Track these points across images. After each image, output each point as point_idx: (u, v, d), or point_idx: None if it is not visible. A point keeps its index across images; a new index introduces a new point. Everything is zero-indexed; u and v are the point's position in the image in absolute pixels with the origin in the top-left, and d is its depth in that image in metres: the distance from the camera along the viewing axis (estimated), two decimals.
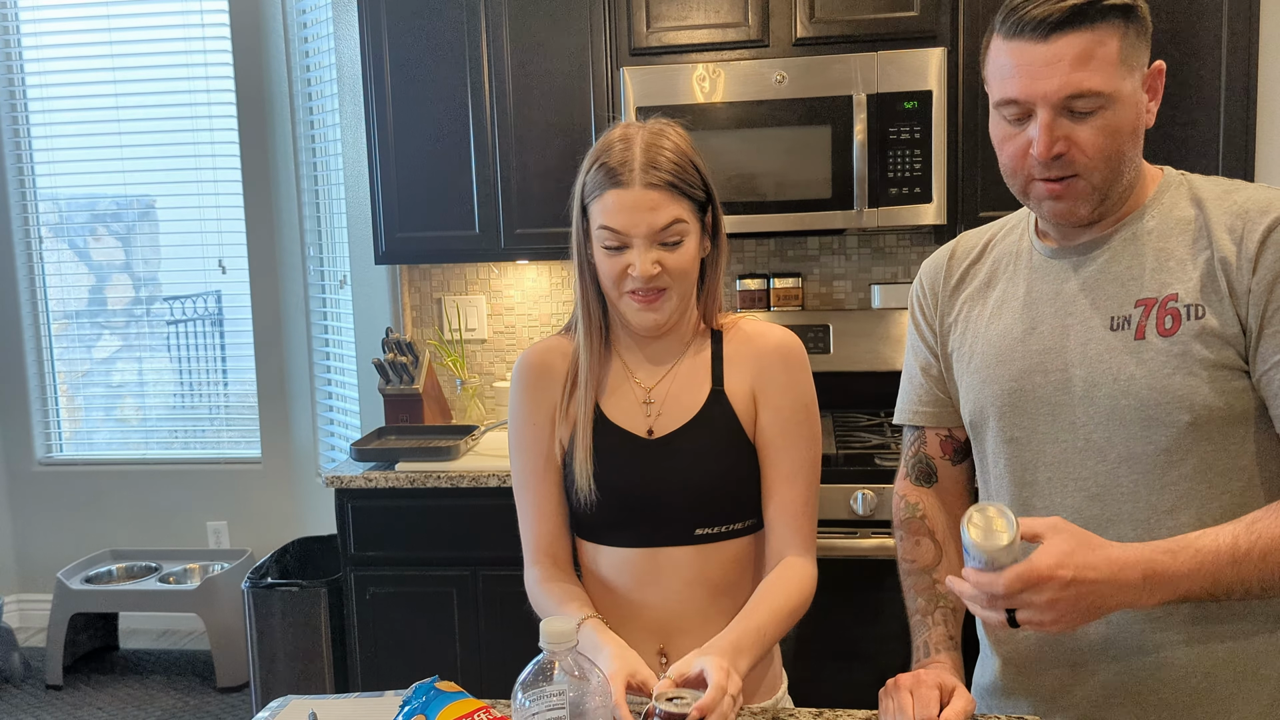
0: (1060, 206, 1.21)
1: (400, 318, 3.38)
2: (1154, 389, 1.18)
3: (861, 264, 3.18)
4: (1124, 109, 1.16)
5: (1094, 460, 1.24)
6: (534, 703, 1.14)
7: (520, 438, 1.46)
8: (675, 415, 1.41)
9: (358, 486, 2.74)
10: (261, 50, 3.88)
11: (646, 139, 1.36)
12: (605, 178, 1.34)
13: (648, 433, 1.41)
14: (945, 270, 1.42)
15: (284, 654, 3.05)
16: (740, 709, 1.22)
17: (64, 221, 4.25)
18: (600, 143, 1.39)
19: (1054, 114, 1.16)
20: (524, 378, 1.46)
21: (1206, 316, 1.16)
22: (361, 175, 3.40)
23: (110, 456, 4.27)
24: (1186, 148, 2.64)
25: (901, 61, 2.64)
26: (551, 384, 1.45)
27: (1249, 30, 2.60)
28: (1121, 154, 1.18)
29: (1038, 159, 1.17)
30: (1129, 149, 1.19)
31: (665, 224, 1.33)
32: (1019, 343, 1.29)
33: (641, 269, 1.33)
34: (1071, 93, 1.14)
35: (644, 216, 1.33)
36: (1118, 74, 1.14)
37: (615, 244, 1.35)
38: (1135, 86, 1.17)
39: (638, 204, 1.33)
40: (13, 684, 3.77)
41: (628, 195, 1.33)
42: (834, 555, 2.53)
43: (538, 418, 1.45)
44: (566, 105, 2.88)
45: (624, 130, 1.38)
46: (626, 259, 1.34)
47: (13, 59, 4.11)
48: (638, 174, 1.33)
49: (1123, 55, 1.15)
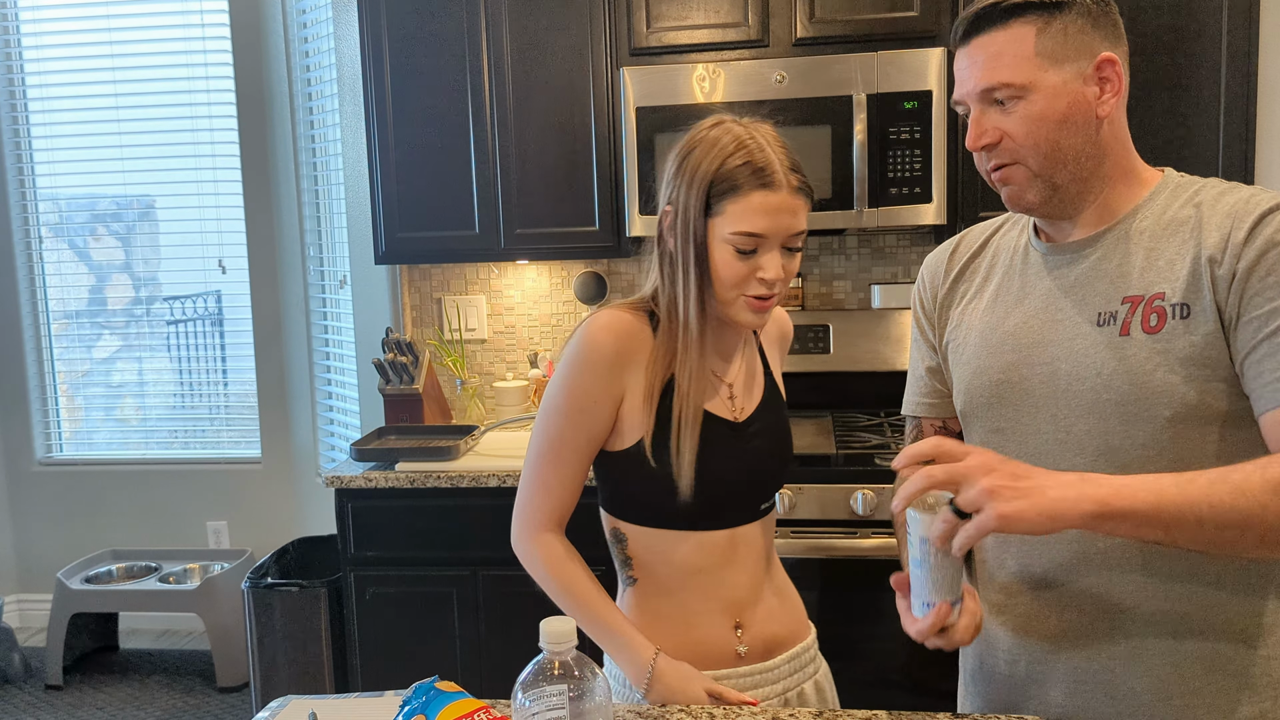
0: (1007, 192, 1.28)
1: (400, 318, 3.38)
2: (1135, 385, 1.20)
3: (861, 264, 3.18)
4: (1048, 99, 1.21)
5: (1073, 453, 1.26)
6: (534, 703, 1.14)
7: (572, 409, 1.39)
8: (749, 400, 1.46)
9: (358, 486, 2.74)
10: (261, 50, 3.88)
11: (771, 140, 1.33)
12: (752, 176, 1.30)
13: (734, 418, 1.43)
14: (946, 265, 1.46)
15: (284, 654, 3.05)
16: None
17: (64, 221, 4.25)
18: (712, 140, 1.33)
19: (981, 107, 1.26)
20: (596, 355, 1.38)
21: (1191, 315, 1.18)
22: (361, 175, 3.41)
23: (110, 456, 4.27)
24: (1187, 148, 2.64)
25: (901, 61, 2.64)
26: (624, 368, 1.39)
27: (1249, 30, 2.60)
28: (1055, 142, 1.22)
29: (969, 148, 1.27)
30: (1066, 137, 1.22)
31: (799, 230, 1.33)
32: (1009, 336, 1.32)
33: (774, 273, 1.32)
34: (985, 86, 1.23)
35: (786, 221, 1.31)
36: (1034, 66, 1.21)
37: (750, 247, 1.32)
38: (1066, 77, 1.21)
39: (782, 208, 1.31)
40: (13, 684, 3.77)
41: (774, 198, 1.30)
42: (834, 555, 2.53)
43: (599, 396, 1.39)
44: (566, 105, 2.88)
45: (737, 128, 1.33)
46: (756, 262, 1.33)
47: (13, 59, 4.11)
48: (783, 175, 1.31)
49: (1041, 48, 1.21)
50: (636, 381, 1.40)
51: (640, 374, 1.40)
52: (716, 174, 1.31)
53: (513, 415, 3.17)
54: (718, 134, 1.34)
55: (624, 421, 1.40)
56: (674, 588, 1.43)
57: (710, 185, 1.32)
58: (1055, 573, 1.29)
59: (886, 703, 1.58)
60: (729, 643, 1.43)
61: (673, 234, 1.37)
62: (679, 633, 1.44)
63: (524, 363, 3.36)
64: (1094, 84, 1.22)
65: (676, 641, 1.43)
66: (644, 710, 1.38)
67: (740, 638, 1.43)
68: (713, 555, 1.42)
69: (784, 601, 1.50)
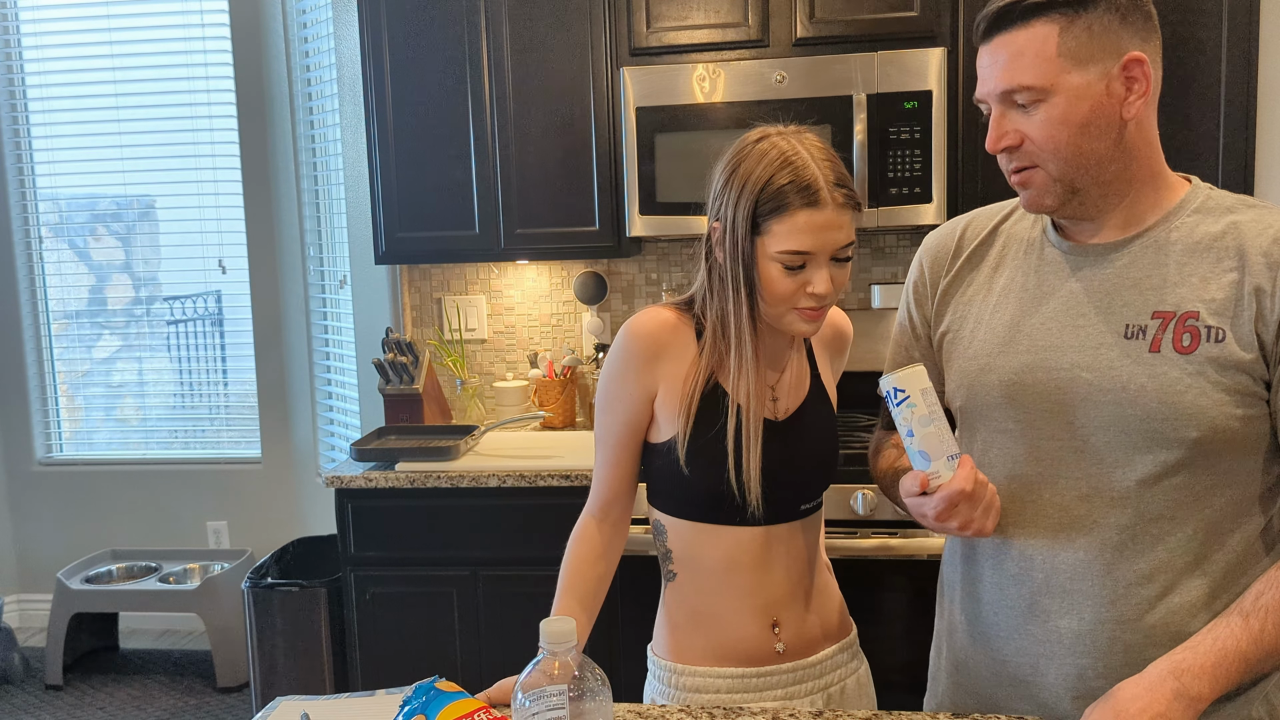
0: (1026, 196, 1.26)
1: (400, 318, 3.38)
2: (1164, 404, 1.18)
3: (861, 264, 3.18)
4: (1070, 101, 1.17)
5: (1089, 463, 1.24)
6: (534, 703, 1.14)
7: (610, 399, 1.46)
8: (792, 400, 1.47)
9: (358, 486, 2.74)
10: (261, 50, 3.88)
11: (816, 153, 1.33)
12: (797, 195, 1.30)
13: (774, 417, 1.44)
14: (953, 250, 1.41)
15: (284, 654, 3.05)
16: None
17: (64, 221, 4.25)
18: (758, 155, 1.33)
19: (1001, 109, 1.22)
20: (632, 348, 1.43)
21: (1227, 340, 1.17)
22: (361, 175, 3.41)
23: (110, 456, 4.27)
24: (1187, 148, 2.64)
25: (901, 61, 2.64)
26: (660, 363, 1.43)
27: (1249, 30, 2.60)
28: (1077, 146, 1.19)
29: (989, 150, 1.25)
30: (1088, 141, 1.19)
31: (847, 243, 1.34)
32: (1025, 336, 1.29)
33: (823, 288, 1.33)
34: (1005, 88, 1.20)
35: (833, 236, 1.32)
36: (1056, 67, 1.17)
37: (798, 264, 1.33)
38: (1090, 79, 1.17)
39: (829, 224, 1.31)
40: (13, 684, 3.77)
41: (820, 216, 1.30)
42: (833, 555, 2.51)
43: (633, 389, 1.44)
44: (566, 105, 2.88)
45: (783, 143, 1.33)
46: (804, 276, 1.33)
47: (13, 59, 4.11)
48: (827, 193, 1.30)
49: (1064, 49, 1.17)
50: (673, 376, 1.42)
51: (677, 369, 1.42)
52: (762, 193, 1.31)
53: (513, 415, 3.17)
54: (763, 149, 1.33)
55: (659, 415, 1.44)
56: (710, 585, 1.45)
57: (756, 204, 1.32)
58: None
59: (886, 703, 1.58)
60: (767, 641, 1.45)
61: (721, 250, 1.38)
62: (716, 631, 1.45)
63: (524, 363, 3.36)
64: (1120, 84, 1.18)
65: (714, 640, 1.45)
66: (644, 710, 1.38)
67: (778, 635, 1.45)
68: (749, 552, 1.43)
69: (827, 601, 1.52)
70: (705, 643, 1.46)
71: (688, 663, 1.47)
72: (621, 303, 3.28)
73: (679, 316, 1.45)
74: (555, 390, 3.18)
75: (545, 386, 3.19)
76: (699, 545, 1.45)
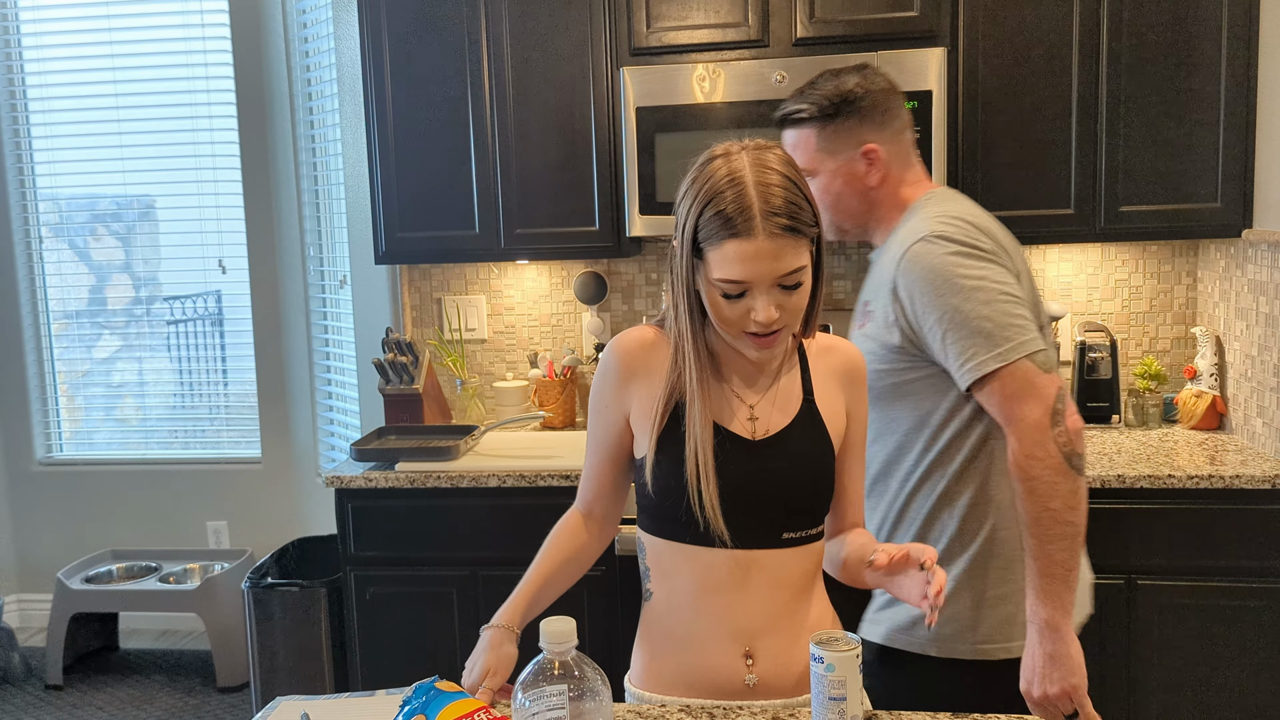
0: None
1: (400, 318, 3.38)
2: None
3: (861, 264, 3.18)
4: (828, 178, 1.82)
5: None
6: (534, 703, 1.14)
7: (593, 411, 1.50)
8: (775, 421, 1.42)
9: (358, 486, 2.75)
10: (261, 50, 3.88)
11: (755, 176, 1.29)
12: (722, 226, 1.28)
13: (752, 436, 1.41)
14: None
15: (284, 654, 3.05)
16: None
17: (64, 221, 4.25)
18: (705, 177, 1.32)
19: None
20: (611, 364, 1.46)
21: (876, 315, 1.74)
22: (361, 175, 3.41)
23: (110, 456, 4.27)
24: (1187, 150, 2.64)
25: (901, 61, 2.64)
26: (634, 383, 1.43)
27: (1249, 32, 2.60)
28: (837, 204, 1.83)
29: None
30: (843, 201, 1.84)
31: (788, 271, 1.30)
32: None
33: (765, 315, 1.30)
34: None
35: (768, 266, 1.28)
36: (817, 158, 1.80)
37: (736, 292, 1.31)
38: (839, 163, 1.80)
39: (760, 254, 1.28)
40: (13, 684, 3.77)
41: (749, 246, 1.27)
42: None
43: (611, 400, 1.46)
44: (566, 105, 2.88)
45: (728, 166, 1.31)
46: (746, 303, 1.31)
47: (13, 59, 4.11)
48: (758, 223, 1.27)
49: (820, 145, 1.79)
50: (645, 396, 1.42)
51: (650, 389, 1.42)
52: (700, 218, 1.31)
53: (512, 415, 3.17)
54: (711, 170, 1.32)
55: (636, 431, 1.45)
56: (682, 605, 1.42)
57: (696, 229, 1.32)
58: None
59: None
60: (737, 672, 1.39)
61: (672, 271, 1.38)
62: (685, 655, 1.42)
63: (524, 363, 3.36)
64: (862, 164, 1.77)
65: (682, 664, 1.42)
66: (644, 710, 1.38)
67: (751, 667, 1.40)
68: (719, 576, 1.39)
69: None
70: (675, 668, 1.42)
71: (656, 691, 1.44)
72: (621, 303, 3.28)
73: (658, 335, 1.45)
74: (555, 390, 3.18)
75: (545, 386, 3.19)
76: (672, 564, 1.42)
